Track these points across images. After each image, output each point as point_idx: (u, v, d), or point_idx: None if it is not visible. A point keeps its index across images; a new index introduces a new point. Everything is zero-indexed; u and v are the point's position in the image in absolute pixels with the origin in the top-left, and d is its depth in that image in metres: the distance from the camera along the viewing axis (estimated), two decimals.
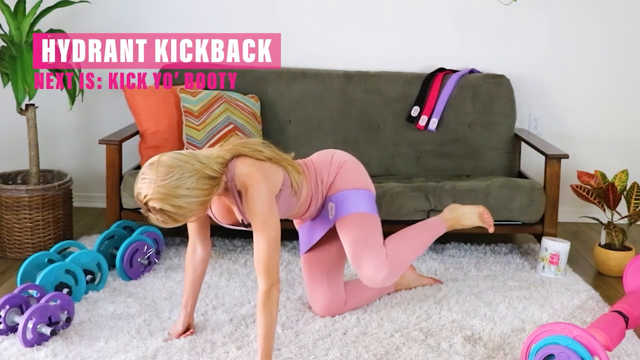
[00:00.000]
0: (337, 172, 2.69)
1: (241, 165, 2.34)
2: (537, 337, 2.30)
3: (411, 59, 4.08)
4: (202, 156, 2.26)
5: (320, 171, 2.68)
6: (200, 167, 2.20)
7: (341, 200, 2.64)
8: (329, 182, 2.68)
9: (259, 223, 2.30)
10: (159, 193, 2.13)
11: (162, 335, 2.60)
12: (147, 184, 2.15)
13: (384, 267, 2.55)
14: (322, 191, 2.67)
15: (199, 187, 2.18)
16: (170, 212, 2.15)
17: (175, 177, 2.15)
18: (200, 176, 2.19)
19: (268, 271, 2.29)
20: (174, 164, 2.17)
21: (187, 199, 2.16)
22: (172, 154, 2.21)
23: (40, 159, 3.67)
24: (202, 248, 2.60)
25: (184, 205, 2.16)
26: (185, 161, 2.19)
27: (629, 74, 4.14)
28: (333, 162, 2.71)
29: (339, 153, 2.77)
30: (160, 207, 2.14)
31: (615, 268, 3.36)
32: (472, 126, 3.89)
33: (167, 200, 2.13)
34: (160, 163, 2.17)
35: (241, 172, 2.33)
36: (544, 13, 4.07)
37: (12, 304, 2.55)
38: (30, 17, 3.46)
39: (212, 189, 2.24)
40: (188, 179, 2.16)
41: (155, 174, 2.15)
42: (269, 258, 2.29)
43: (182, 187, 2.15)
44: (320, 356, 2.47)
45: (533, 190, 3.38)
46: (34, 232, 3.43)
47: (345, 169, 2.70)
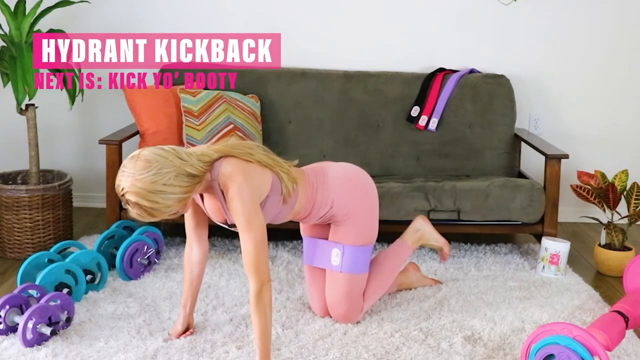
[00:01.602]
0: (363, 199, 2.66)
1: (226, 165, 2.32)
2: (537, 337, 2.30)
3: (411, 59, 4.09)
4: (184, 153, 2.24)
5: (336, 191, 2.62)
6: (180, 164, 2.19)
7: (349, 255, 2.66)
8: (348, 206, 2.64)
9: (243, 224, 2.29)
10: (135, 187, 2.13)
11: (162, 335, 2.60)
12: (126, 177, 2.15)
13: (358, 313, 2.73)
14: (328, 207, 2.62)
15: (177, 183, 2.18)
16: (146, 207, 2.15)
17: (152, 172, 2.14)
18: (179, 173, 2.18)
19: (257, 271, 2.28)
20: (153, 159, 2.16)
21: (164, 194, 2.15)
22: (153, 149, 2.21)
23: (40, 159, 3.67)
24: (198, 248, 2.59)
25: (160, 201, 2.16)
26: (165, 157, 2.18)
27: (629, 74, 4.14)
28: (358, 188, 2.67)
29: (367, 181, 2.73)
30: (135, 201, 2.14)
31: (615, 268, 3.36)
32: (472, 126, 3.89)
33: (143, 195, 2.13)
34: (140, 157, 2.17)
35: (223, 172, 2.31)
36: (544, 13, 4.07)
37: (12, 304, 2.55)
38: (30, 17, 3.46)
39: (191, 186, 2.22)
40: (166, 174, 2.16)
41: (134, 168, 2.15)
42: (257, 258, 2.28)
43: (159, 182, 2.14)
44: (320, 356, 2.47)
45: (533, 190, 3.38)
46: (34, 232, 3.43)
47: (355, 214, 2.65)
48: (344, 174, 2.69)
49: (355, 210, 2.65)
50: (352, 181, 2.69)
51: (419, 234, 2.94)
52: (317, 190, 2.59)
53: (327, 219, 2.68)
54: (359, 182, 2.70)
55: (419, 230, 2.95)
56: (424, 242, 2.96)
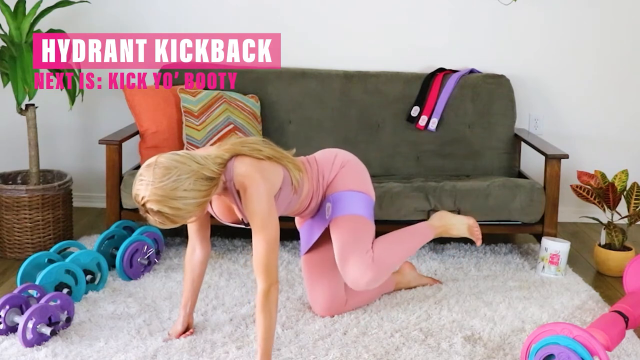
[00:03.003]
0: (338, 172, 2.69)
1: (240, 165, 2.34)
2: (537, 337, 2.30)
3: (411, 59, 4.08)
4: (199, 157, 2.25)
5: (322, 169, 2.68)
6: (197, 168, 2.20)
7: (338, 201, 2.64)
8: (328, 181, 2.68)
9: (258, 223, 2.30)
10: (156, 195, 2.12)
11: (162, 335, 2.60)
12: (145, 185, 2.14)
13: (368, 271, 2.56)
14: (322, 189, 2.67)
15: (196, 188, 2.18)
16: (168, 214, 2.15)
17: (173, 178, 2.14)
18: (198, 177, 2.19)
19: (267, 271, 2.29)
20: (171, 165, 2.16)
21: (185, 200, 2.15)
22: (170, 155, 2.20)
23: (40, 159, 3.66)
24: (201, 249, 2.60)
25: (182, 207, 2.15)
26: (183, 162, 2.18)
27: (629, 74, 4.14)
28: (336, 162, 2.71)
29: (343, 153, 2.77)
30: (157, 209, 2.14)
31: (615, 268, 3.36)
32: (472, 126, 3.89)
33: (165, 202, 2.13)
34: (158, 164, 2.16)
35: (239, 172, 2.32)
36: (544, 13, 4.07)
37: (12, 304, 2.55)
38: (30, 17, 3.46)
39: (210, 189, 2.23)
40: (185, 180, 2.15)
41: (152, 176, 2.14)
42: (267, 258, 2.29)
43: (179, 188, 2.14)
44: (320, 356, 2.47)
45: (533, 190, 3.38)
46: (34, 232, 3.43)
47: (347, 169, 2.70)
48: (328, 151, 2.79)
49: (344, 170, 2.69)
50: (335, 152, 2.77)
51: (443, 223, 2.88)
52: (312, 172, 2.64)
53: (321, 196, 2.68)
54: (340, 152, 2.77)
55: (443, 218, 2.89)
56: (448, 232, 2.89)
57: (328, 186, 2.68)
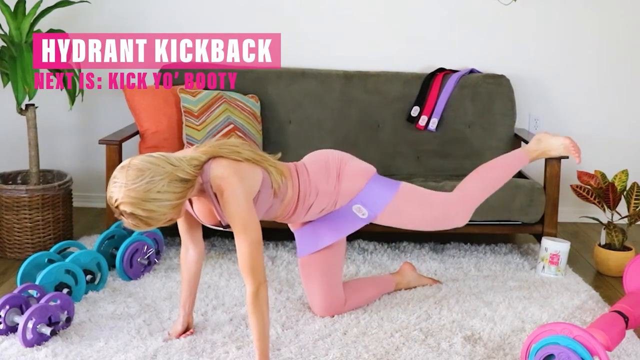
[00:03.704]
0: (342, 182, 2.65)
1: (217, 167, 2.31)
2: (537, 337, 2.30)
3: (411, 59, 4.09)
4: (174, 158, 2.23)
5: (316, 182, 2.62)
6: (171, 170, 2.18)
7: (365, 199, 2.64)
8: (332, 193, 2.64)
9: (239, 226, 2.28)
10: (129, 197, 2.11)
11: (162, 335, 2.60)
12: (118, 187, 2.13)
13: (463, 205, 2.73)
14: (318, 198, 2.63)
15: (170, 190, 2.16)
16: (141, 216, 2.13)
17: (146, 180, 2.12)
18: (171, 179, 2.16)
19: (253, 273, 2.27)
20: (145, 167, 2.14)
21: (159, 202, 2.14)
22: (144, 157, 2.19)
23: (40, 159, 3.67)
24: (193, 249, 2.59)
25: (155, 209, 2.14)
26: (157, 164, 2.16)
27: (629, 74, 4.14)
28: (330, 173, 2.65)
29: (331, 158, 2.71)
30: (131, 211, 2.12)
31: (615, 268, 3.36)
32: (472, 126, 3.89)
33: (138, 205, 2.11)
34: (131, 166, 2.15)
35: (216, 175, 2.29)
36: (544, 13, 4.07)
37: (12, 304, 2.55)
38: (30, 17, 3.46)
39: (185, 191, 2.21)
40: (159, 182, 2.14)
41: (125, 178, 2.13)
42: (253, 260, 2.27)
43: (152, 190, 2.12)
44: (320, 356, 2.47)
45: (533, 190, 3.39)
46: (34, 232, 3.43)
47: (346, 173, 2.67)
48: (317, 158, 2.71)
49: (344, 175, 2.66)
50: (324, 157, 2.70)
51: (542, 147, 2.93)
52: (299, 179, 2.59)
53: (317, 212, 2.66)
54: (330, 156, 2.71)
55: (541, 141, 2.94)
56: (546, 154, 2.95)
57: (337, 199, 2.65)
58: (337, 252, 2.79)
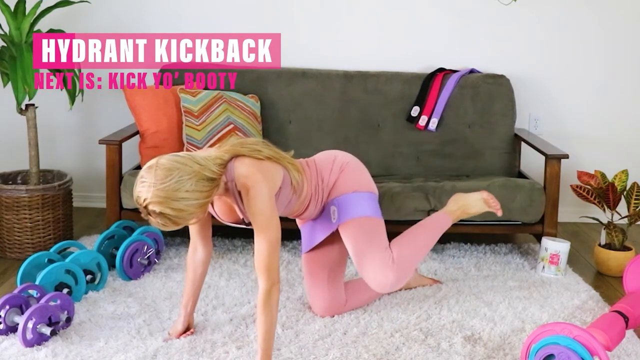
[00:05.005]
0: (339, 175, 2.68)
1: (240, 165, 2.34)
2: (537, 337, 2.30)
3: (411, 59, 4.09)
4: (200, 158, 2.25)
5: (322, 172, 2.67)
6: (199, 169, 2.20)
7: (343, 204, 2.63)
8: (329, 184, 2.67)
9: (261, 224, 2.30)
10: (158, 196, 2.12)
11: (162, 335, 2.60)
12: (147, 187, 2.14)
13: (390, 272, 2.54)
14: (322, 192, 2.67)
15: (198, 189, 2.18)
16: (170, 215, 2.15)
17: (174, 179, 2.14)
18: (199, 178, 2.19)
19: (268, 271, 2.29)
20: (173, 167, 2.16)
21: (187, 201, 2.15)
22: (171, 157, 2.20)
23: (40, 159, 3.67)
24: (203, 248, 2.60)
25: (184, 208, 2.15)
26: (184, 163, 2.18)
27: (629, 74, 4.14)
28: (335, 164, 2.70)
29: (341, 155, 2.76)
30: (160, 211, 2.13)
31: (615, 268, 3.36)
32: (472, 126, 3.89)
33: (167, 204, 2.13)
34: (159, 166, 2.16)
35: (241, 173, 2.33)
36: (544, 13, 4.07)
37: (12, 304, 2.55)
38: (30, 17, 3.46)
39: (211, 190, 2.23)
40: (187, 181, 2.15)
41: (154, 177, 2.14)
42: (269, 258, 2.29)
43: (181, 189, 2.14)
44: (320, 356, 2.47)
45: (533, 190, 3.39)
46: (34, 232, 3.43)
47: (347, 171, 2.69)
48: (327, 153, 2.77)
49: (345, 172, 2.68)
50: (334, 154, 2.75)
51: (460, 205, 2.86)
52: (312, 174, 2.63)
53: (322, 200, 2.68)
54: (339, 154, 2.76)
55: (458, 201, 2.88)
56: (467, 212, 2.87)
57: (330, 190, 2.68)
58: (340, 252, 2.79)
